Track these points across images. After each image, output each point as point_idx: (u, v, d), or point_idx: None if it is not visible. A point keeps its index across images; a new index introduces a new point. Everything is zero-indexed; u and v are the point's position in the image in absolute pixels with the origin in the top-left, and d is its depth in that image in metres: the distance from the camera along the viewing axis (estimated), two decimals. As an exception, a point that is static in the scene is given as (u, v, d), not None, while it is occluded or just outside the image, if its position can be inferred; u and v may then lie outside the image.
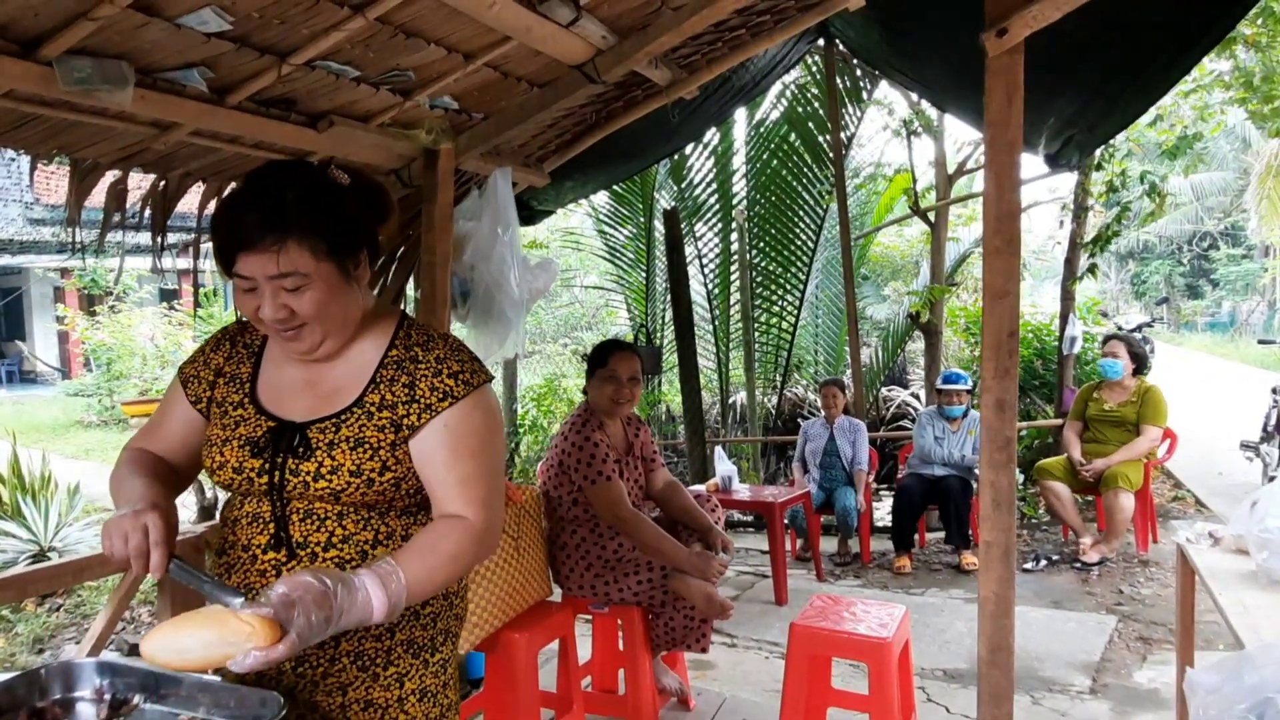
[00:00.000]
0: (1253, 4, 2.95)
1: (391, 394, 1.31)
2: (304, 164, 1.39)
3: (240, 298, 1.26)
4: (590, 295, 12.07)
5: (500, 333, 2.75)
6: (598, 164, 4.55)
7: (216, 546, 1.43)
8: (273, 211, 1.21)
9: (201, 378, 1.40)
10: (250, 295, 1.24)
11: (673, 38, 2.53)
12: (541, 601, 2.88)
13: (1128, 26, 3.18)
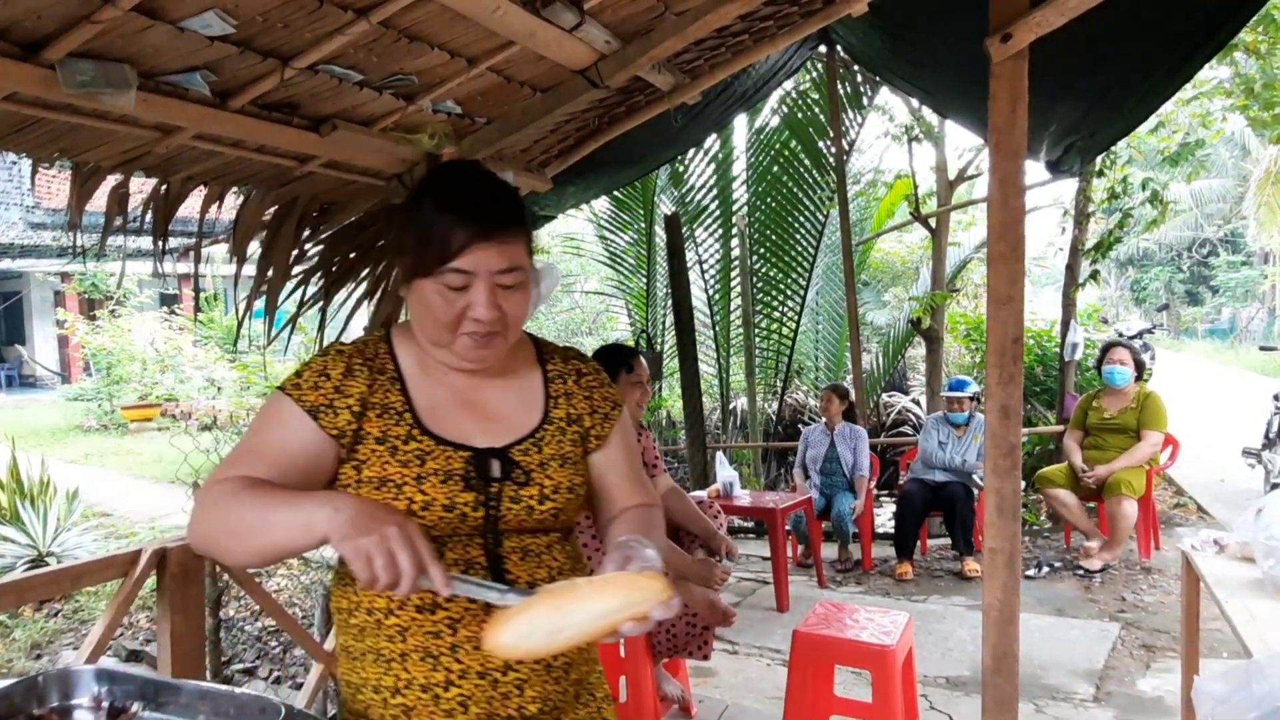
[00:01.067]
0: (1255, 11, 2.95)
1: (573, 407, 1.32)
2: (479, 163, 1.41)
3: (440, 300, 1.17)
4: (591, 300, 12.06)
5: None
6: (599, 169, 4.56)
7: (355, 607, 1.22)
8: (509, 204, 1.21)
9: (338, 408, 1.20)
10: (458, 295, 1.17)
11: (676, 43, 2.52)
12: (543, 608, 2.86)
13: (1130, 34, 3.18)
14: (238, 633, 4.74)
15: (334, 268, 3.11)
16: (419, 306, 1.20)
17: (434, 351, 1.24)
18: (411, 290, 1.20)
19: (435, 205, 1.19)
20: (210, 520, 1.12)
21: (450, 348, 1.21)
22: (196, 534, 1.13)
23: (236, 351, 8.66)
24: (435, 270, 1.16)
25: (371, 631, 1.19)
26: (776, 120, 7.83)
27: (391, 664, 1.18)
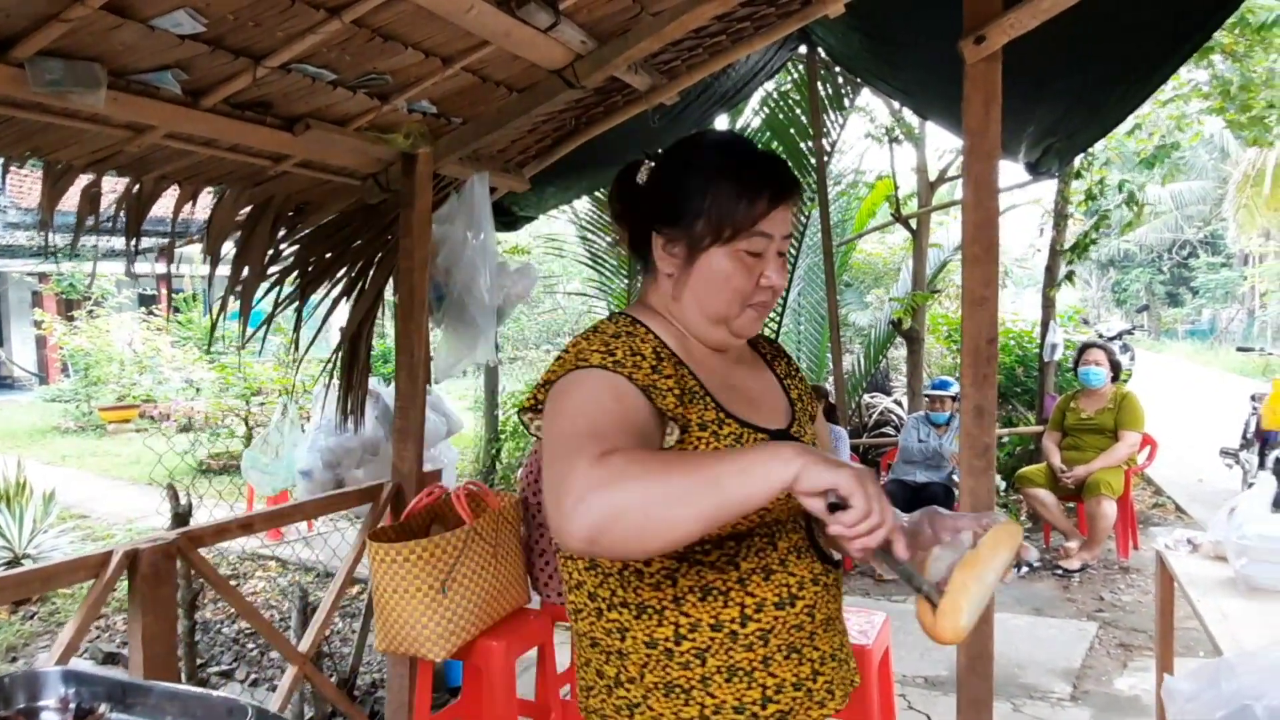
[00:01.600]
0: (1229, 13, 2.99)
1: (799, 389, 1.35)
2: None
3: (738, 268, 1.13)
4: (573, 302, 12.04)
5: (471, 339, 2.74)
6: (579, 170, 4.55)
7: (676, 625, 1.11)
8: (788, 167, 1.19)
9: (662, 389, 1.09)
10: (755, 261, 1.14)
11: (652, 43, 2.52)
12: (519, 609, 2.85)
13: (1106, 35, 3.21)
14: (215, 635, 4.69)
15: (310, 267, 3.09)
16: (707, 280, 1.15)
17: (704, 330, 1.19)
18: (692, 266, 1.15)
19: (727, 170, 1.14)
20: (626, 494, 0.87)
21: (733, 323, 1.17)
22: (604, 516, 0.87)
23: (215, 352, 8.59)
24: (739, 235, 1.13)
25: (660, 663, 1.10)
26: (758, 121, 7.84)
27: (691, 691, 1.09)
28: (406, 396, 2.82)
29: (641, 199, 1.21)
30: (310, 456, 3.40)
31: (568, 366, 1.08)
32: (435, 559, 2.49)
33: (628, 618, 1.11)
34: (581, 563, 1.17)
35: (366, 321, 3.14)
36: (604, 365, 1.06)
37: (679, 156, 1.21)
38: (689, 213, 1.14)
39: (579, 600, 1.19)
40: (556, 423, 1.02)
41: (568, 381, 1.07)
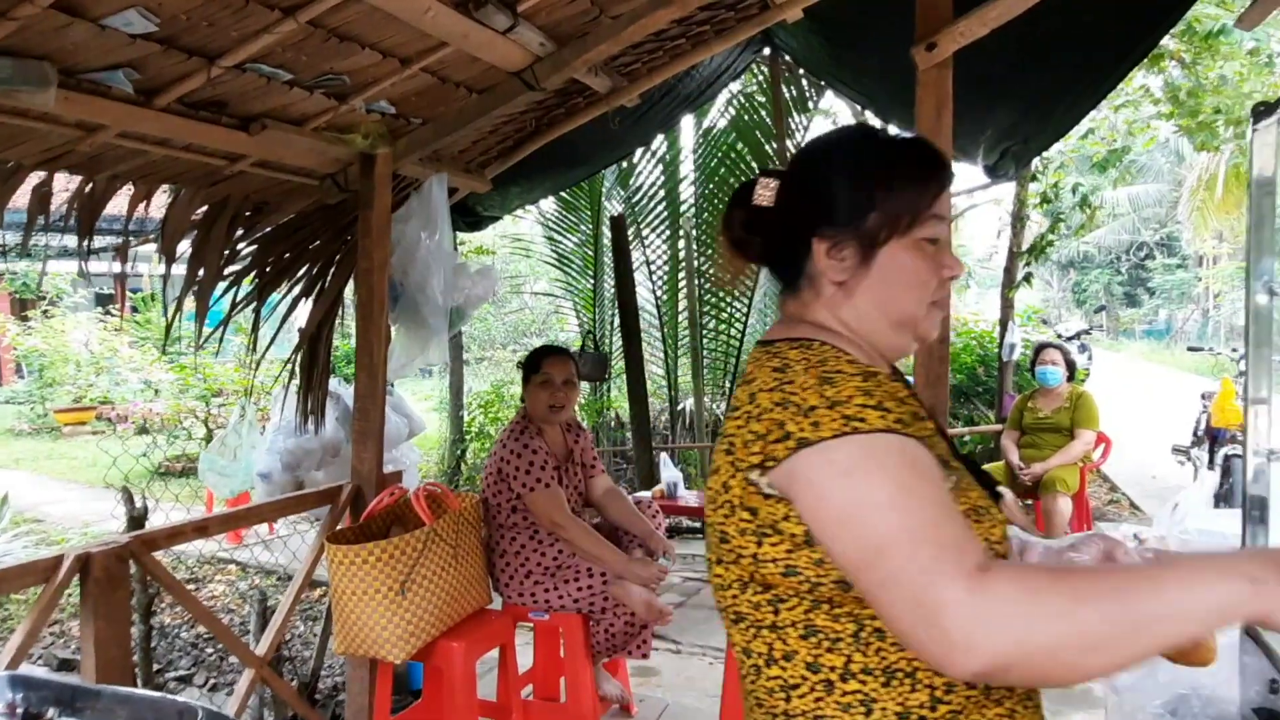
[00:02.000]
0: (1175, 20, 3.07)
1: None
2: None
3: (921, 260, 1.03)
4: (540, 302, 12.03)
5: (423, 339, 2.74)
6: (543, 170, 4.55)
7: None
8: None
9: (925, 435, 0.96)
10: (935, 250, 1.04)
11: (611, 46, 2.54)
12: (481, 610, 2.86)
13: (1057, 43, 3.29)
14: (173, 640, 4.63)
15: (268, 268, 3.07)
16: (889, 278, 1.03)
17: (888, 338, 1.07)
18: (869, 266, 1.03)
19: (891, 155, 1.05)
20: (1027, 636, 0.78)
21: (920, 325, 1.06)
22: (1002, 661, 0.78)
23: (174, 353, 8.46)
24: (917, 223, 1.02)
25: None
26: (724, 122, 7.89)
27: None
28: (366, 397, 2.81)
29: (784, 210, 1.08)
30: (269, 458, 3.37)
31: (834, 426, 0.89)
32: (394, 560, 2.48)
33: (873, 686, 0.93)
34: (792, 630, 0.96)
35: (326, 322, 3.12)
36: (888, 428, 0.89)
37: (827, 153, 1.10)
38: (858, 207, 1.02)
39: (790, 675, 0.97)
40: (858, 521, 0.86)
41: (840, 457, 0.88)
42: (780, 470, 0.91)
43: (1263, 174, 1.51)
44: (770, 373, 0.99)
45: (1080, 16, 2.99)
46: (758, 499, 0.94)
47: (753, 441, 0.95)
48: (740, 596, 1.00)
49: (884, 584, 0.83)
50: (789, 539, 0.93)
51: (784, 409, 0.93)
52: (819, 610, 0.94)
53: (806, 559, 0.93)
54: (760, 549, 0.95)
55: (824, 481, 0.89)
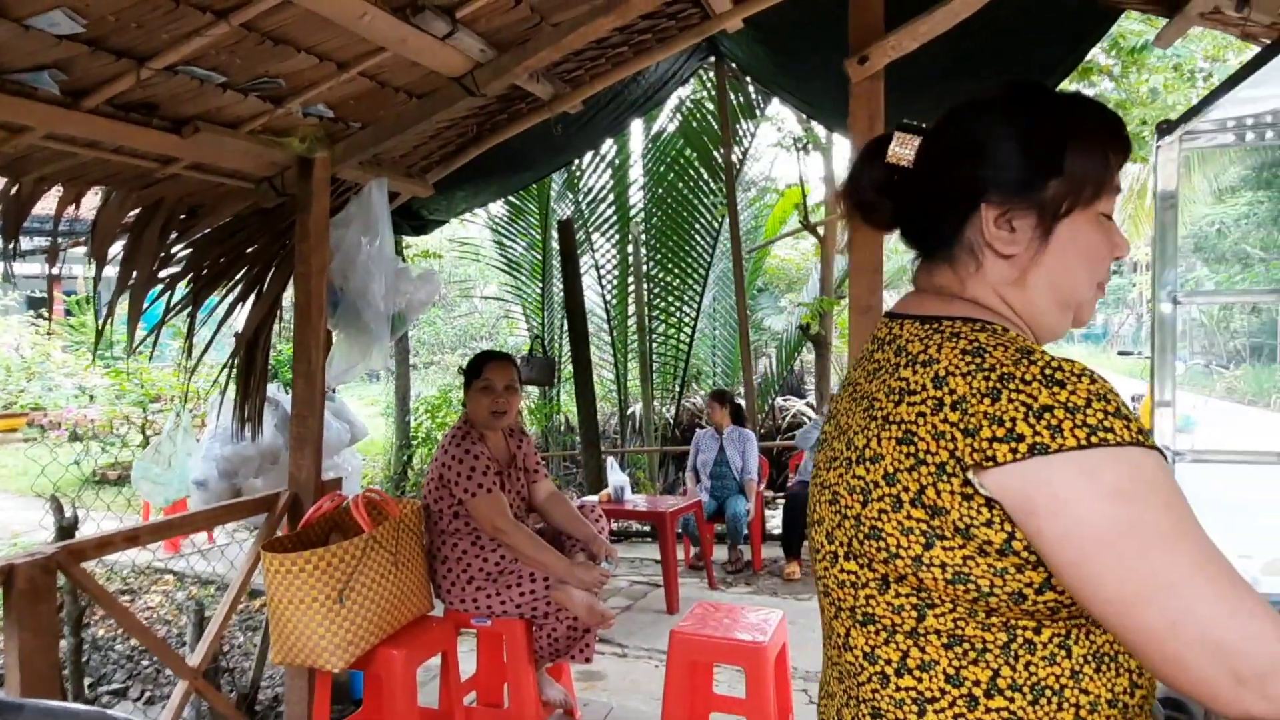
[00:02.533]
0: (1098, 38, 3.19)
1: None
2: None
3: (1100, 234, 0.95)
4: (490, 306, 11.96)
5: (365, 344, 2.71)
6: (488, 174, 4.54)
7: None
8: None
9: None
10: (1110, 226, 0.96)
11: (552, 53, 2.55)
12: (422, 616, 2.84)
13: (990, 58, 3.39)
14: (107, 653, 4.51)
15: (203, 271, 3.01)
16: (1069, 253, 0.94)
17: (1052, 320, 0.97)
18: (1049, 239, 0.93)
19: (1078, 116, 0.94)
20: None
21: (1083, 308, 0.98)
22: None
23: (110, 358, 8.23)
24: (1101, 194, 0.93)
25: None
26: (672, 128, 7.96)
27: None
28: (304, 403, 2.78)
29: (938, 171, 0.96)
30: (205, 466, 3.30)
31: (1078, 436, 0.80)
32: (332, 568, 2.46)
33: (1021, 704, 0.87)
34: (935, 639, 0.89)
35: (264, 327, 3.08)
36: (1138, 441, 0.81)
37: (998, 108, 0.96)
38: (1040, 171, 0.91)
39: (928, 687, 0.90)
40: (1141, 553, 0.78)
41: (1108, 477, 0.80)
42: (1005, 473, 0.81)
43: (1166, 188, 1.58)
44: (959, 355, 0.87)
45: (1008, 33, 3.09)
46: (953, 499, 0.84)
47: (959, 436, 0.83)
48: (879, 598, 0.91)
49: (1173, 622, 0.76)
50: (977, 545, 0.84)
51: (999, 401, 0.82)
52: (973, 619, 0.87)
53: (986, 567, 0.84)
54: (929, 552, 0.86)
55: (1085, 500, 0.79)
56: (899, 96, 3.76)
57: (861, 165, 1.01)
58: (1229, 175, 15.00)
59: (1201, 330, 20.41)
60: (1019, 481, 0.80)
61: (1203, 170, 13.67)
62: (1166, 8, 2.67)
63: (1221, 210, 17.91)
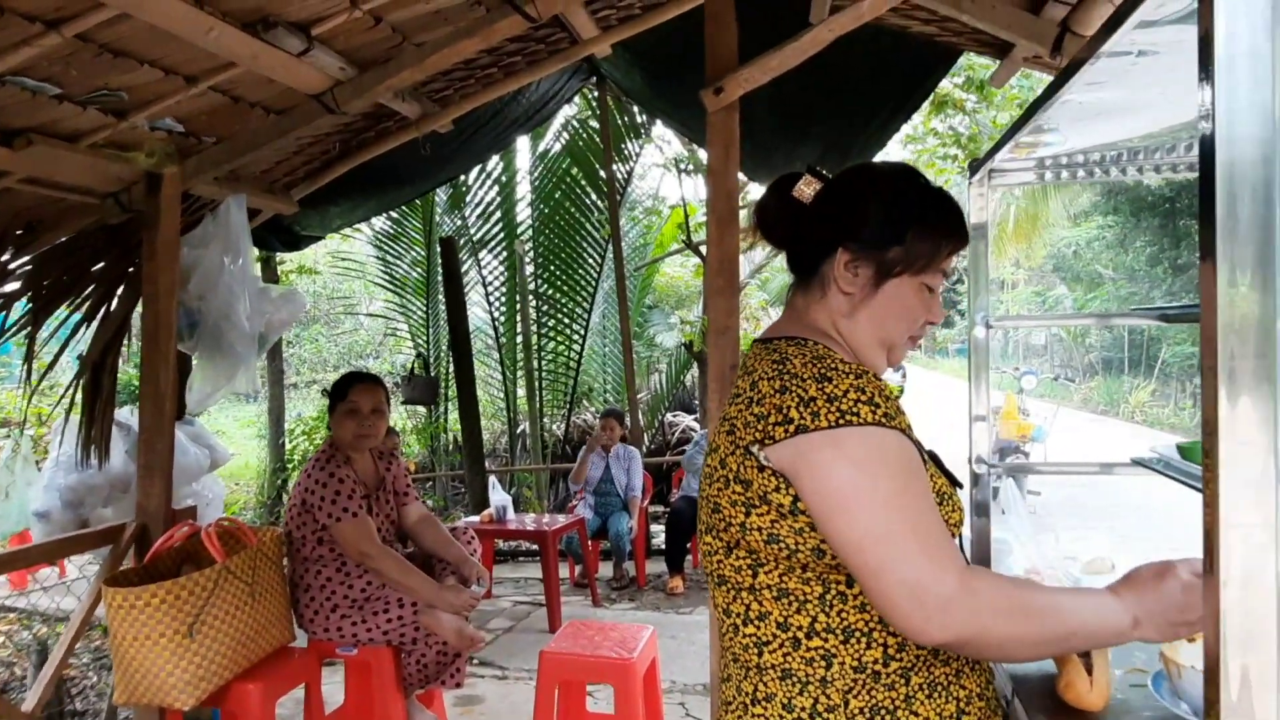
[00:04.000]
0: (940, 77, 3.41)
1: None
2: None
3: (919, 299, 1.17)
4: (376, 323, 11.67)
5: (229, 367, 2.61)
6: (364, 190, 4.44)
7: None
8: None
9: (907, 428, 1.09)
10: (929, 296, 1.18)
11: (416, 73, 2.53)
12: (283, 648, 2.75)
13: (845, 91, 3.57)
14: (-61, 701, 4.15)
15: (44, 290, 2.84)
16: (890, 305, 1.16)
17: (870, 354, 1.19)
18: (879, 289, 1.15)
19: (933, 206, 1.16)
20: (991, 631, 0.98)
21: (894, 351, 1.20)
22: (965, 640, 0.98)
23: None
24: (928, 269, 1.15)
25: (866, 686, 1.07)
26: (559, 146, 7.98)
27: (896, 712, 1.07)
28: (152, 428, 2.65)
29: (820, 212, 1.18)
30: (47, 496, 3.10)
31: (831, 418, 1.02)
32: (181, 601, 2.35)
33: (834, 643, 1.07)
34: (767, 592, 1.09)
35: (111, 348, 2.92)
36: (879, 422, 1.02)
37: (876, 178, 1.20)
38: (888, 236, 1.14)
39: (763, 632, 1.10)
40: (866, 508, 0.99)
41: (849, 448, 1.01)
42: (781, 448, 1.03)
43: (978, 221, 1.71)
44: (770, 364, 1.10)
45: (861, 69, 3.26)
46: (753, 471, 1.06)
47: (754, 422, 1.06)
48: (725, 561, 1.12)
49: (883, 564, 0.98)
50: (775, 509, 1.05)
51: (784, 395, 1.05)
52: (792, 575, 1.07)
53: (788, 528, 1.05)
54: (748, 518, 1.07)
55: (832, 464, 1.01)
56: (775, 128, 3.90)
57: (773, 192, 1.23)
58: (1082, 201, 16.13)
59: (1061, 344, 21.80)
60: (789, 454, 1.03)
61: (1059, 197, 14.64)
62: (998, 51, 2.87)
63: (1076, 233, 19.21)
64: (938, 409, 13.53)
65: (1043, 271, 22.12)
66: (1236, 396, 0.66)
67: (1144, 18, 0.95)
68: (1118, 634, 1.02)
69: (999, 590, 0.99)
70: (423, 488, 8.47)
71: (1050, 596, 1.02)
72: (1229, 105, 0.65)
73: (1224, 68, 0.66)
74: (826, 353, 1.10)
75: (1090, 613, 1.01)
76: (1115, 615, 1.01)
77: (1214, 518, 0.66)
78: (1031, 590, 1.04)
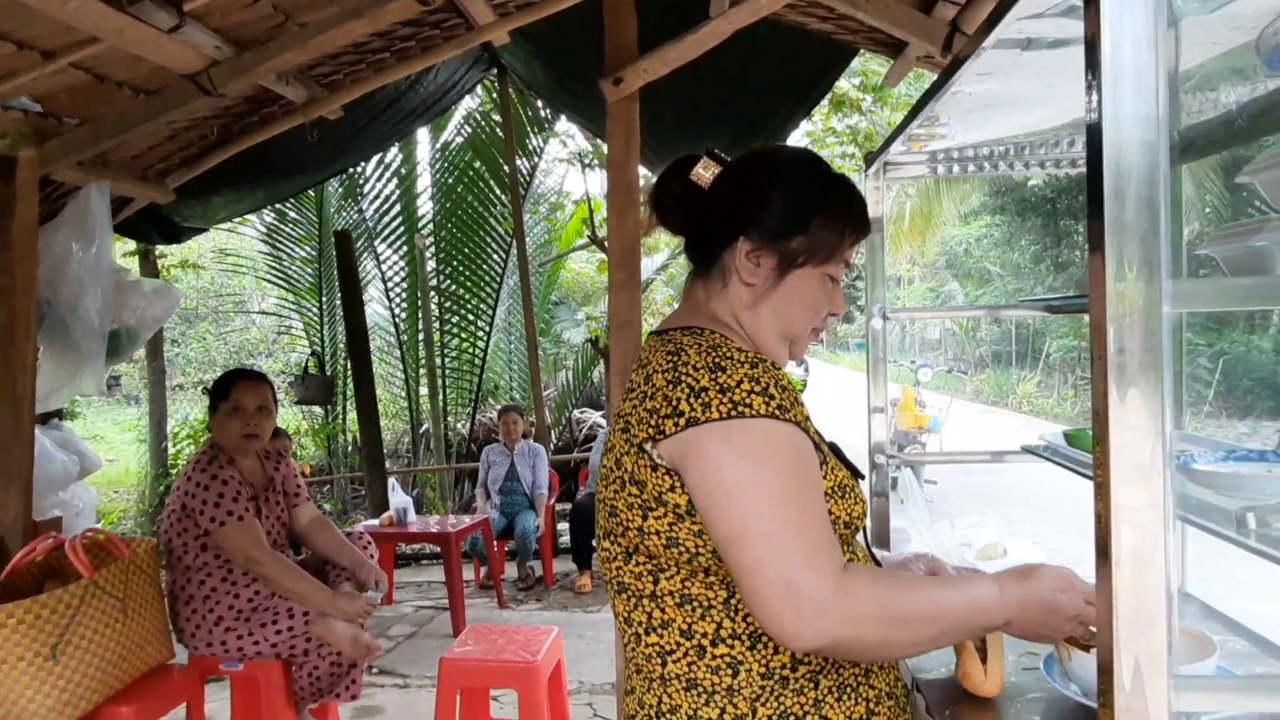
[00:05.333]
0: (838, 75, 3.47)
1: None
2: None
3: (822, 290, 1.12)
4: (269, 321, 11.20)
5: (73, 365, 2.43)
6: (251, 179, 4.23)
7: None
8: None
9: (804, 420, 1.04)
10: (833, 287, 1.13)
11: (299, 55, 2.41)
12: (160, 666, 2.57)
13: (747, 89, 3.60)
14: None
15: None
16: (793, 296, 1.11)
17: (772, 345, 1.13)
18: (782, 280, 1.10)
19: (838, 196, 1.12)
20: (867, 630, 0.95)
21: (797, 343, 1.15)
22: (841, 642, 0.94)
23: None
24: (831, 260, 1.11)
25: (774, 693, 1.04)
26: (460, 139, 7.81)
27: (805, 718, 1.03)
28: (9, 434, 2.44)
29: (720, 199, 1.12)
30: (-112, 510, 2.83)
31: (722, 409, 0.97)
32: (43, 621, 2.17)
33: (740, 650, 1.03)
34: (669, 599, 1.04)
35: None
36: (772, 414, 0.98)
37: (780, 165, 1.15)
38: (791, 226, 1.09)
39: (666, 641, 1.05)
40: (748, 502, 0.95)
41: (738, 440, 0.97)
42: (672, 442, 0.98)
43: (874, 214, 1.72)
44: (665, 356, 1.05)
45: (762, 66, 3.29)
46: (647, 471, 1.01)
47: (647, 418, 1.01)
48: (624, 568, 1.07)
49: (760, 560, 0.93)
50: (672, 511, 1.00)
51: (676, 387, 1.00)
52: (695, 580, 1.03)
53: (687, 530, 1.00)
54: (646, 522, 1.02)
55: (719, 456, 0.96)
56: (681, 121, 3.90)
57: (669, 174, 1.17)
58: (971, 201, 16.82)
59: (953, 338, 22.72)
60: (679, 448, 0.98)
61: (950, 196, 15.23)
62: (892, 50, 2.93)
63: (966, 231, 20.05)
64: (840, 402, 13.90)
65: (936, 268, 23.00)
66: (1124, 385, 0.66)
67: (1020, 15, 0.97)
68: (987, 628, 1.03)
69: (875, 592, 0.95)
70: (320, 491, 8.18)
71: (929, 595, 1.00)
72: (1115, 103, 0.66)
73: (1109, 63, 0.66)
74: (723, 341, 1.06)
75: (965, 610, 1.00)
76: (992, 611, 1.00)
77: (1106, 503, 0.67)
78: (909, 590, 1.01)
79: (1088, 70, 0.68)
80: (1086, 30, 0.67)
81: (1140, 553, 0.66)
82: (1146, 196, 0.65)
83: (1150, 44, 0.65)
